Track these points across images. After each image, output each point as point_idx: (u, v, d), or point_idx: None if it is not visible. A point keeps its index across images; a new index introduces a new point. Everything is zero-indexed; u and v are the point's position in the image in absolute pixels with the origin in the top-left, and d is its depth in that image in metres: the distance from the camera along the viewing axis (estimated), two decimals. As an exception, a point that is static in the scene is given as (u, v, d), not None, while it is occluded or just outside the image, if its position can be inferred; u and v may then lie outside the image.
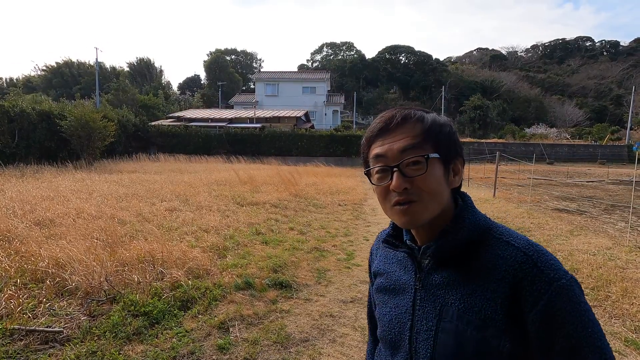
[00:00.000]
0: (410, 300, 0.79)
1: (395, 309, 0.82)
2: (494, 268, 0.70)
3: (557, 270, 0.67)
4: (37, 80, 50.52)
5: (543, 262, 0.67)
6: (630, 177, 17.60)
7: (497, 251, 0.71)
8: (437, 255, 0.76)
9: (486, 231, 0.75)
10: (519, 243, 0.71)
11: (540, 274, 0.66)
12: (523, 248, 0.70)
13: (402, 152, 0.73)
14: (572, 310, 0.65)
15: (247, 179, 11.27)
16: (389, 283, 0.86)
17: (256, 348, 2.75)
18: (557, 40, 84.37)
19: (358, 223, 7.28)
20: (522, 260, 0.68)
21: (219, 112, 31.56)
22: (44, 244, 4.13)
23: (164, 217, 6.23)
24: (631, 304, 3.62)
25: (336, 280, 4.18)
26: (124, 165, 16.00)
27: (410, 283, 0.80)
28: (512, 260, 0.69)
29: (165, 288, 3.47)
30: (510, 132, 41.22)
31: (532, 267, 0.67)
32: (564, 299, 0.65)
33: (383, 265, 0.90)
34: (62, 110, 16.30)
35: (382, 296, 0.87)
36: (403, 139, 0.74)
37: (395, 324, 0.81)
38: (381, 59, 61.63)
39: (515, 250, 0.70)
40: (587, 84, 63.73)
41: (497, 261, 0.70)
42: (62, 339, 2.67)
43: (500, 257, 0.70)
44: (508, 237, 0.72)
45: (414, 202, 0.73)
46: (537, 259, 0.68)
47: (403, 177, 0.73)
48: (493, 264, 0.70)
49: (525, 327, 0.67)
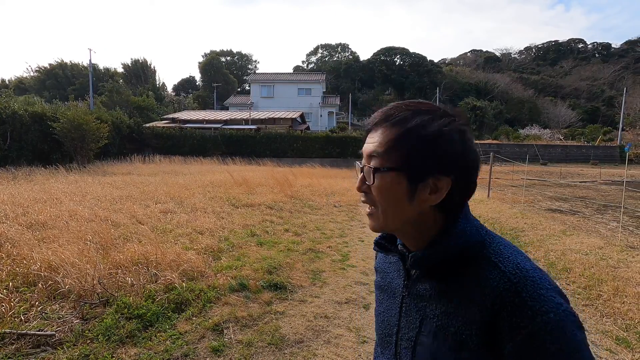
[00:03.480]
0: (399, 305, 0.78)
1: (387, 310, 0.82)
2: (477, 290, 0.63)
3: (545, 303, 0.58)
4: (30, 81, 50.03)
5: (529, 291, 0.59)
6: (622, 178, 17.80)
7: (483, 272, 0.64)
8: (416, 266, 0.72)
9: (478, 246, 0.68)
10: (507, 266, 0.63)
11: (523, 305, 0.58)
12: (509, 273, 0.62)
13: (368, 157, 0.70)
14: (558, 350, 0.56)
15: (242, 180, 11.24)
16: (384, 283, 0.86)
17: (250, 350, 2.74)
18: (550, 42, 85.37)
19: (353, 224, 7.29)
20: (504, 287, 0.61)
21: (214, 113, 31.45)
22: (36, 247, 4.09)
23: (158, 219, 6.20)
24: (622, 303, 3.67)
25: (331, 282, 4.18)
26: (118, 167, 15.88)
27: (399, 288, 0.79)
28: (495, 285, 0.62)
29: (159, 290, 3.45)
30: (504, 133, 41.54)
31: (514, 296, 0.59)
32: (549, 337, 0.57)
33: (382, 263, 0.89)
34: (55, 112, 16.16)
35: (379, 294, 0.88)
36: (374, 142, 0.69)
37: (386, 324, 0.81)
38: (376, 61, 61.92)
39: (500, 274, 0.62)
40: (580, 86, 64.49)
41: (481, 283, 0.63)
42: (54, 343, 2.65)
43: (484, 279, 0.63)
44: (497, 257, 0.65)
45: (374, 209, 0.71)
46: (522, 288, 0.60)
47: (363, 180, 0.71)
48: (476, 285, 0.64)
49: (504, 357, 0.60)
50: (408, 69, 60.67)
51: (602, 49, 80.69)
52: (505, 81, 61.73)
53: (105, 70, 49.35)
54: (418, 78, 58.27)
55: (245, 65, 66.63)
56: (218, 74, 50.08)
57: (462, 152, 0.67)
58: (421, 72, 59.38)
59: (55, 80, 48.51)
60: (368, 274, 4.45)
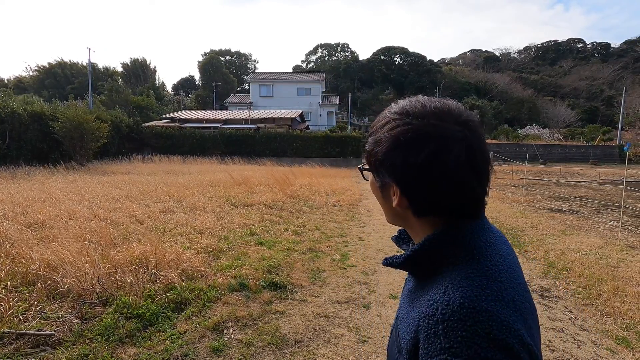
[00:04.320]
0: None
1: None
2: (422, 303, 0.61)
3: (459, 346, 0.52)
4: (29, 80, 49.94)
5: (449, 328, 0.54)
6: (621, 177, 17.82)
7: (434, 289, 0.61)
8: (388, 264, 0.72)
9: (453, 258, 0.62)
10: (447, 295, 0.57)
11: (435, 338, 0.54)
12: (442, 302, 0.56)
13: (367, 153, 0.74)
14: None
15: (242, 180, 11.23)
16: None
17: (250, 349, 2.74)
18: (550, 41, 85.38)
19: (353, 224, 7.29)
20: (431, 312, 0.57)
21: (213, 113, 31.42)
22: (35, 247, 4.08)
23: (158, 218, 6.19)
24: (622, 302, 3.67)
25: (331, 281, 4.17)
26: (118, 167, 15.86)
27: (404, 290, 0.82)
28: (429, 305, 0.58)
29: (159, 290, 3.44)
30: (503, 133, 41.58)
31: (434, 326, 0.55)
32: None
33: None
34: (54, 111, 16.13)
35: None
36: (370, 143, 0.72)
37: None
38: (376, 60, 61.93)
39: (436, 298, 0.58)
40: (579, 85, 64.52)
41: (427, 298, 0.61)
42: (54, 343, 2.64)
43: (429, 296, 0.60)
44: (450, 282, 0.59)
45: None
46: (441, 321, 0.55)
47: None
48: (425, 299, 0.61)
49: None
50: (407, 68, 60.71)
51: (602, 48, 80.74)
52: (505, 81, 61.76)
53: (104, 70, 49.29)
54: (417, 78, 58.29)
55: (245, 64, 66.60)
56: (217, 73, 50.03)
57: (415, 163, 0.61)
58: (421, 71, 59.41)
59: (54, 80, 48.43)
60: (368, 274, 4.45)
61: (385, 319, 3.29)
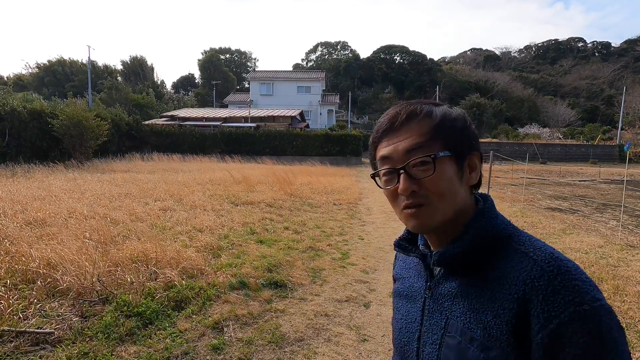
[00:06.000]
0: (420, 309, 0.75)
1: (406, 316, 0.79)
2: (506, 282, 0.62)
3: (580, 294, 0.55)
4: (29, 78, 49.85)
5: (562, 280, 0.57)
6: (622, 177, 17.82)
7: (512, 263, 0.63)
8: (442, 263, 0.70)
9: (505, 239, 0.67)
10: (539, 255, 0.62)
11: (555, 294, 0.56)
12: (541, 261, 0.60)
13: (408, 153, 0.68)
14: (590, 345, 0.53)
15: (242, 178, 11.22)
16: (403, 288, 0.83)
17: (251, 348, 2.73)
18: (550, 40, 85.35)
19: (353, 222, 7.28)
20: (536, 275, 0.59)
21: (213, 111, 31.40)
22: (35, 244, 4.07)
23: (158, 216, 6.18)
24: (623, 302, 3.67)
25: (331, 280, 4.17)
26: (117, 165, 15.84)
27: (421, 291, 0.76)
28: (526, 274, 0.60)
29: (159, 288, 3.44)
30: (504, 132, 41.55)
31: (547, 285, 0.57)
32: (581, 330, 0.54)
33: (401, 269, 0.87)
34: (54, 109, 16.09)
35: (397, 301, 0.85)
36: (408, 138, 0.69)
37: (405, 332, 0.78)
38: (376, 59, 61.84)
39: (532, 262, 0.61)
40: (579, 85, 64.50)
41: (510, 274, 0.62)
42: (53, 341, 2.63)
43: (514, 270, 0.62)
44: (527, 248, 0.64)
45: (423, 206, 0.68)
46: (555, 276, 0.58)
47: (410, 180, 0.68)
48: (505, 277, 0.62)
49: (530, 352, 0.58)
50: (408, 67, 60.63)
51: (602, 48, 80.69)
52: (505, 80, 61.69)
53: (104, 67, 49.24)
54: (418, 76, 58.22)
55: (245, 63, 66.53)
56: (217, 71, 49.99)
57: (474, 131, 0.75)
58: (421, 70, 59.33)
59: (54, 77, 48.33)
60: (368, 272, 4.44)
61: (386, 318, 3.29)
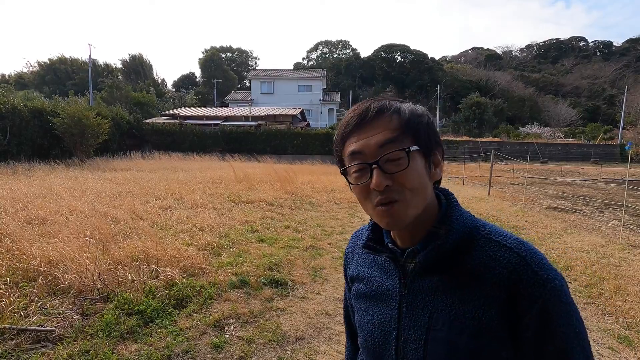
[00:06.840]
0: (396, 307, 0.74)
1: (378, 317, 0.76)
2: (487, 271, 0.66)
3: (550, 271, 0.65)
4: (30, 77, 49.87)
5: (536, 263, 0.65)
6: (623, 176, 17.79)
7: (488, 252, 0.68)
8: (428, 261, 0.70)
9: (474, 230, 0.71)
10: (511, 243, 0.68)
11: (535, 276, 0.63)
12: (515, 249, 0.67)
13: (381, 147, 0.68)
14: (565, 311, 0.63)
15: (243, 177, 11.22)
16: (369, 289, 0.80)
17: (251, 346, 2.73)
18: (551, 40, 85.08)
19: (354, 221, 7.28)
20: (516, 262, 0.65)
21: (214, 110, 31.38)
22: (36, 242, 4.07)
23: (159, 215, 6.18)
24: (624, 301, 3.66)
25: (332, 278, 4.17)
26: (118, 163, 15.85)
27: (394, 289, 0.75)
28: (506, 262, 0.65)
29: (160, 286, 3.44)
30: (504, 132, 41.47)
31: (527, 269, 0.64)
32: (557, 301, 0.63)
33: (362, 269, 0.84)
34: (54, 108, 16.10)
35: (361, 303, 0.82)
36: (380, 132, 0.68)
37: (378, 333, 0.75)
38: (377, 58, 61.69)
39: (508, 251, 0.66)
40: (581, 84, 64.34)
41: (490, 263, 0.66)
42: (54, 338, 2.64)
43: (492, 259, 0.67)
44: (498, 237, 0.69)
45: (397, 202, 0.68)
46: (530, 260, 0.65)
47: (384, 174, 0.67)
48: (485, 267, 0.66)
49: (519, 332, 0.64)
50: (409, 66, 60.46)
51: (604, 47, 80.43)
52: (506, 79, 61.53)
53: (105, 66, 49.21)
54: (419, 75, 58.08)
55: (246, 61, 66.45)
56: (218, 70, 49.98)
57: (435, 128, 0.76)
58: (422, 69, 59.18)
59: (54, 76, 48.34)
60: (369, 271, 4.44)
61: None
